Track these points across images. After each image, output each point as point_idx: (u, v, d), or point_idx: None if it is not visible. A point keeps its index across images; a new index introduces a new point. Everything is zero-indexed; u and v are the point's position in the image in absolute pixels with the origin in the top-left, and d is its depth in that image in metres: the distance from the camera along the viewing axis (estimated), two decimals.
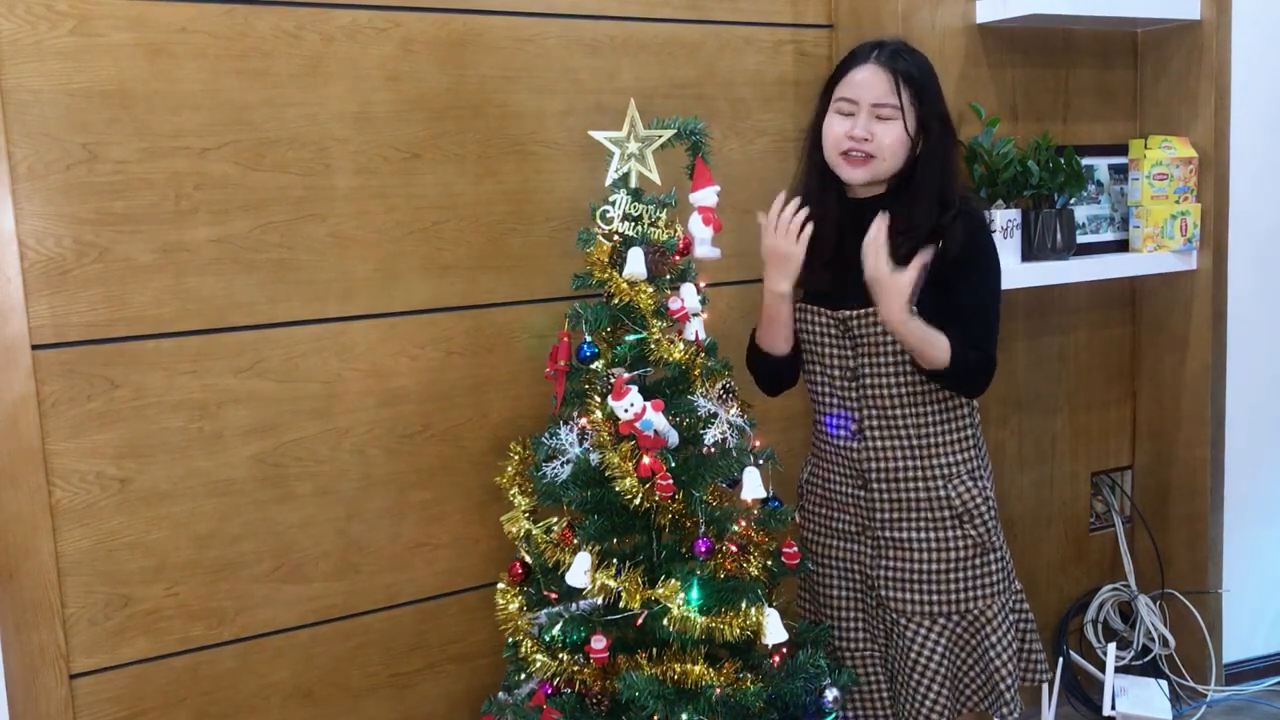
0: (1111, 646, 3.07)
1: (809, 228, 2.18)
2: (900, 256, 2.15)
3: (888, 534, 2.26)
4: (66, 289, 2.09)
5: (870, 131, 2.15)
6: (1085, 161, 2.98)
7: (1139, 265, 3.07)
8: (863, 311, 2.19)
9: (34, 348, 2.06)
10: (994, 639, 2.25)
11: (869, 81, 2.15)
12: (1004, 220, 2.79)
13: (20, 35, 2.01)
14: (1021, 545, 3.12)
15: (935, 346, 2.13)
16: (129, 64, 2.10)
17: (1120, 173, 3.12)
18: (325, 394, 2.34)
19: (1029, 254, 2.85)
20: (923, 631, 2.24)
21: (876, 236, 2.10)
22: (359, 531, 2.40)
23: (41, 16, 2.02)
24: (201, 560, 2.25)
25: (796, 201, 2.20)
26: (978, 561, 2.25)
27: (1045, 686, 2.86)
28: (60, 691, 2.12)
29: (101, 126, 2.09)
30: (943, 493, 2.23)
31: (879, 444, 2.23)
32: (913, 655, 2.24)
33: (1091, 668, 3.22)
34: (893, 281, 2.08)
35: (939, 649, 2.24)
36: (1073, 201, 2.95)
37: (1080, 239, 2.99)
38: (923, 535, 2.24)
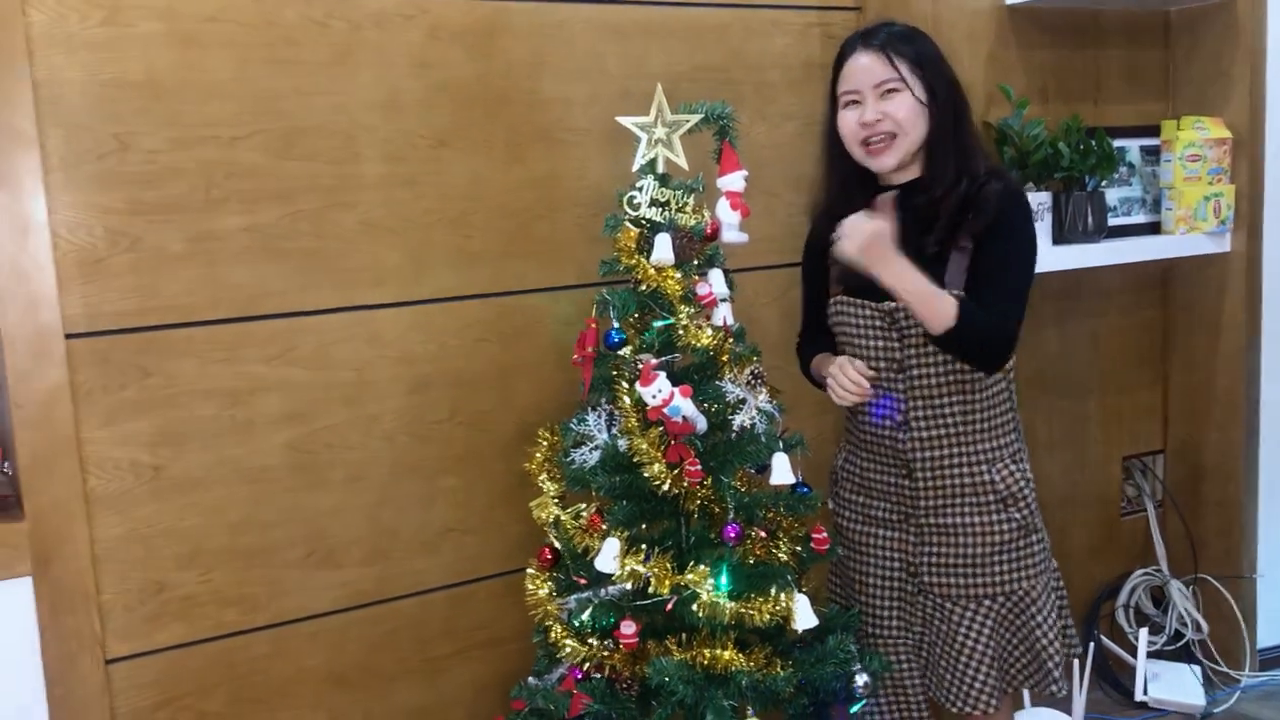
0: (1143, 631, 3.06)
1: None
2: (939, 240, 2.13)
3: (932, 520, 2.25)
4: (99, 278, 2.10)
5: (881, 112, 2.13)
6: (1116, 143, 2.95)
7: (1171, 247, 3.04)
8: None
9: (67, 337, 2.08)
10: (1039, 618, 2.25)
11: (864, 67, 2.15)
12: (1035, 203, 2.77)
13: (52, 27, 2.02)
14: (1052, 530, 3.07)
15: (939, 302, 2.06)
16: (159, 54, 2.11)
17: (1152, 154, 3.09)
18: (355, 381, 2.35)
19: (1060, 237, 2.83)
20: (969, 614, 2.24)
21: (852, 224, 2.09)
22: (389, 517, 2.41)
23: (73, 8, 2.04)
24: (234, 547, 2.27)
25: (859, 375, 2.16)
26: (1021, 543, 2.24)
27: (1076, 671, 2.85)
28: (97, 676, 2.15)
29: (132, 116, 2.10)
30: (987, 477, 2.22)
31: (925, 434, 2.22)
32: (959, 638, 2.24)
33: (1123, 653, 3.20)
34: (868, 230, 2.05)
35: (985, 630, 2.23)
36: (1104, 184, 2.92)
37: (1112, 221, 2.96)
38: (967, 520, 2.23)
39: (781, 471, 2.12)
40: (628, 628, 2.07)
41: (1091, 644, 3.09)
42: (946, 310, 2.05)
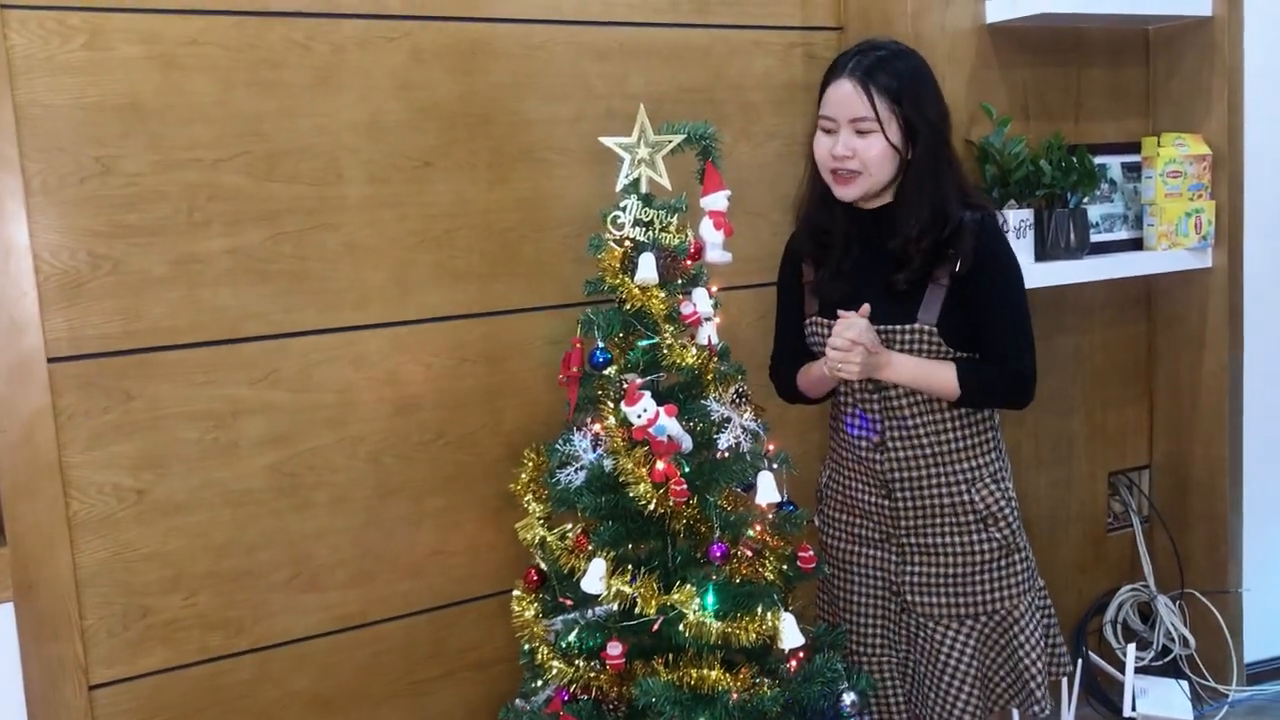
0: (1131, 647, 3.06)
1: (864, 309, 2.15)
2: (915, 271, 2.15)
3: (913, 540, 2.25)
4: (81, 302, 2.10)
5: (851, 148, 2.13)
6: (1098, 160, 2.97)
7: (1154, 263, 3.05)
8: (880, 329, 2.17)
9: (50, 361, 2.07)
10: (1022, 638, 2.24)
11: (843, 98, 2.13)
12: (1017, 220, 2.78)
13: (33, 50, 2.02)
14: (1039, 546, 3.09)
15: (936, 380, 2.16)
16: (141, 77, 2.11)
17: (1133, 171, 3.11)
18: (340, 403, 2.34)
19: (1042, 254, 2.84)
20: (951, 634, 2.23)
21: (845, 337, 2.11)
22: (375, 540, 2.40)
23: (54, 31, 2.04)
24: (219, 570, 2.25)
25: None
26: (1003, 562, 2.24)
27: (1065, 688, 2.85)
28: (79, 702, 2.13)
29: (114, 140, 2.10)
30: (966, 497, 2.22)
31: (901, 455, 2.22)
32: (942, 658, 2.23)
33: (1111, 669, 3.20)
34: (858, 358, 2.09)
35: (968, 650, 2.23)
36: (1086, 200, 2.94)
37: (1094, 238, 2.98)
38: (948, 540, 2.23)
39: (767, 490, 2.11)
40: (614, 648, 2.07)
41: (1079, 660, 3.09)
42: (948, 384, 2.16)
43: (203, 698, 2.26)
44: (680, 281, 2.14)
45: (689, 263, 2.15)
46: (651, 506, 2.00)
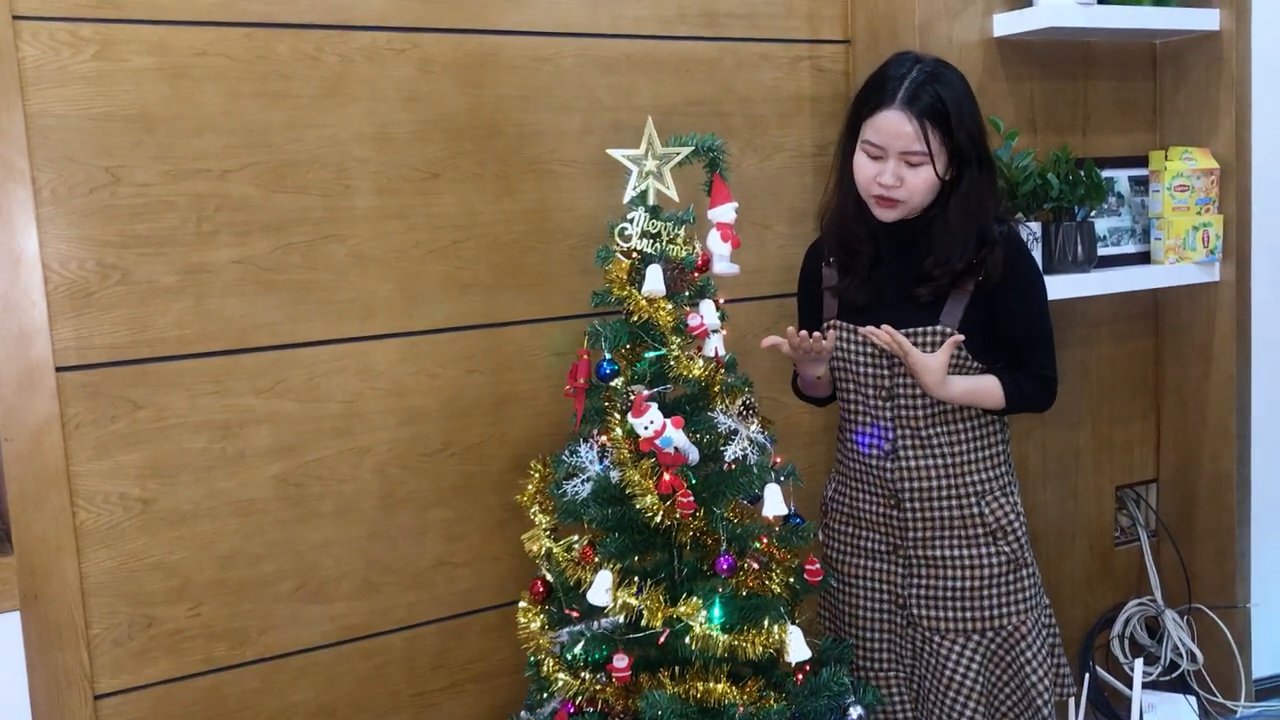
0: (1139, 662, 3.04)
1: (830, 335, 2.20)
2: (941, 289, 2.16)
3: (920, 553, 2.25)
4: (90, 311, 2.10)
5: (900, 177, 2.12)
6: (1105, 174, 2.97)
7: (1161, 277, 3.05)
8: (902, 331, 2.15)
9: (58, 370, 2.07)
10: (1029, 654, 2.23)
11: (895, 130, 2.10)
12: (1025, 234, 2.78)
13: (44, 61, 2.03)
14: (1046, 560, 3.09)
15: (985, 395, 2.18)
16: (151, 88, 2.12)
17: (1141, 185, 3.11)
18: (346, 413, 2.34)
19: (1050, 267, 2.84)
20: (957, 649, 2.23)
21: (891, 342, 2.11)
22: (380, 550, 2.40)
23: (65, 42, 2.05)
24: (224, 580, 2.25)
25: (804, 333, 2.16)
26: (1011, 577, 2.23)
27: (1071, 703, 2.83)
28: (85, 712, 2.13)
29: (124, 150, 2.11)
30: (976, 510, 2.22)
31: (913, 463, 2.22)
32: (947, 673, 2.23)
33: (1119, 684, 3.19)
34: (925, 367, 2.11)
35: (974, 666, 2.22)
36: (1093, 214, 2.94)
37: (1101, 251, 2.98)
38: (956, 553, 2.22)
39: (774, 503, 2.11)
40: (620, 661, 2.06)
41: (1087, 675, 3.08)
42: (995, 399, 2.19)
43: (208, 708, 2.26)
44: (687, 293, 2.14)
45: (696, 275, 2.15)
46: (658, 518, 2.00)
